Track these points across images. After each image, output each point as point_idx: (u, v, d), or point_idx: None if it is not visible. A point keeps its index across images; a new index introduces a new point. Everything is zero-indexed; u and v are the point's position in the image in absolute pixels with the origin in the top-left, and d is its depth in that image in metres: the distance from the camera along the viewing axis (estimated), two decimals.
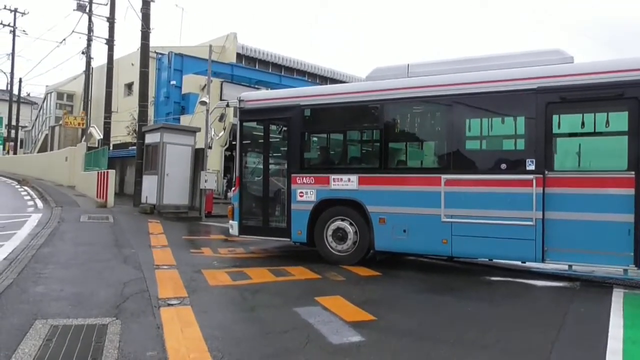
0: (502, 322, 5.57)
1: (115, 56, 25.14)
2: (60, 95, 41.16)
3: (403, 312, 5.90)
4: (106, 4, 24.12)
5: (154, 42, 19.16)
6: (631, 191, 6.58)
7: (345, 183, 8.45)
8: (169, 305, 5.64)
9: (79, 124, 30.58)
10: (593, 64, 7.20)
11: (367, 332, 4.95)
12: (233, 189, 9.74)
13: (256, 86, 23.54)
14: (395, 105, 8.34)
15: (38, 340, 4.38)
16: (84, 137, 27.89)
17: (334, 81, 36.97)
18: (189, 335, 4.66)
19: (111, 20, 23.50)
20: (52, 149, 35.08)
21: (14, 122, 43.99)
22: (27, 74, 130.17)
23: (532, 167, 7.16)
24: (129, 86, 31.01)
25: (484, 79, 7.64)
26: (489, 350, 4.59)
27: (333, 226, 8.60)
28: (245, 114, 9.56)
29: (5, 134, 46.02)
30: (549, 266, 8.11)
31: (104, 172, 18.24)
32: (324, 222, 8.65)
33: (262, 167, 9.40)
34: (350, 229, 8.47)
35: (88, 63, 27.91)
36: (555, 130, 7.24)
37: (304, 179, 8.75)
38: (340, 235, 8.54)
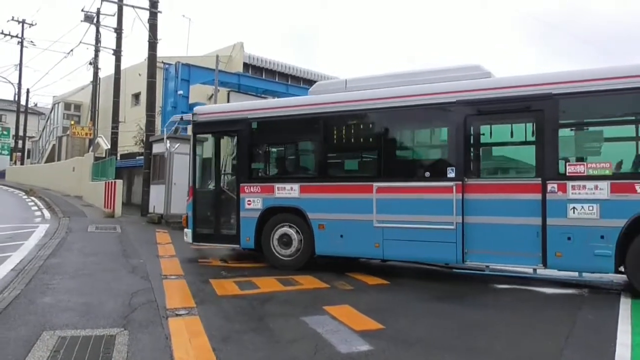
0: (510, 330, 5.53)
1: (123, 66, 25.31)
2: (67, 106, 41.46)
3: (411, 321, 5.86)
4: (113, 15, 24.28)
5: (161, 52, 19.27)
6: (539, 196, 7.06)
7: (288, 192, 8.86)
8: (177, 315, 5.63)
9: (86, 134, 30.77)
10: (506, 79, 7.74)
11: (375, 341, 4.92)
12: (187, 198, 10.03)
13: (263, 95, 23.57)
14: (331, 118, 8.74)
15: (46, 352, 4.38)
16: (91, 147, 28.04)
17: None
18: (197, 346, 4.65)
19: (118, 31, 23.68)
20: (59, 159, 35.28)
21: (21, 133, 44.31)
22: (34, 84, 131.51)
23: (452, 175, 7.62)
24: (136, 96, 31.18)
25: (410, 93, 8.11)
26: (498, 358, 4.56)
27: (279, 232, 8.95)
28: (199, 127, 9.95)
29: (13, 145, 46.36)
30: (558, 273, 8.10)
31: (111, 182, 18.32)
32: (270, 229, 9.01)
33: (214, 177, 9.93)
34: (294, 235, 8.82)
35: (95, 73, 28.13)
36: (473, 140, 7.81)
37: (252, 188, 9.16)
38: (286, 241, 8.89)
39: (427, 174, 7.91)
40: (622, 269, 6.93)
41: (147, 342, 4.75)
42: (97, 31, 26.89)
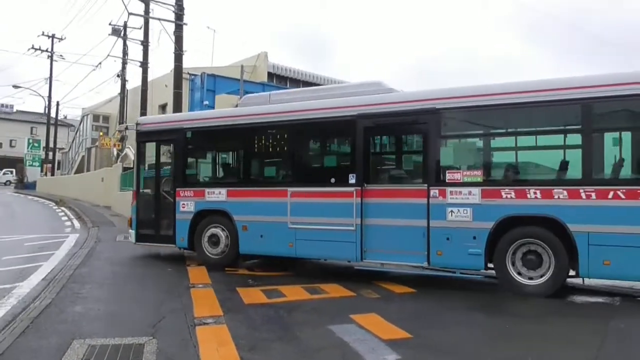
0: (541, 339, 5.39)
1: (149, 78, 25.69)
2: (96, 117, 42.25)
3: (440, 330, 5.77)
4: (140, 28, 24.72)
5: (187, 63, 19.53)
6: (424, 201, 7.70)
7: (217, 196, 9.56)
8: (204, 324, 5.64)
9: (114, 145, 31.33)
10: (400, 94, 8.43)
11: (403, 350, 4.85)
12: (132, 201, 10.79)
13: None
14: (252, 129, 9.48)
15: None
16: (119, 158, 28.51)
17: None
18: (225, 355, 4.65)
19: (145, 43, 24.05)
20: (88, 170, 35.94)
21: (51, 144, 45.33)
22: (64, 97, 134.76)
23: (353, 181, 8.25)
24: (163, 107, 31.62)
25: (318, 107, 8.86)
26: None
27: (209, 233, 9.64)
28: (142, 135, 10.79)
29: (43, 156, 47.43)
30: (589, 281, 7.94)
31: None
32: (201, 230, 9.70)
33: (155, 182, 10.58)
34: (222, 235, 9.51)
35: (123, 85, 28.65)
36: (371, 149, 8.53)
37: (186, 192, 9.86)
38: (215, 241, 9.59)
39: (333, 180, 8.52)
40: (491, 265, 7.54)
41: (175, 350, 4.77)
42: (125, 44, 27.43)
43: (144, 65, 24.59)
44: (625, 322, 6.00)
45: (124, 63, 27.95)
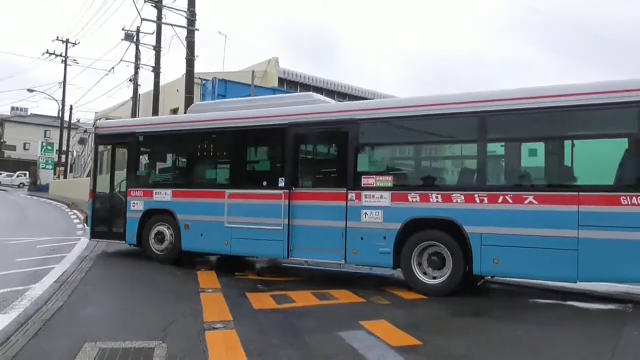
0: (552, 347, 5.36)
1: (161, 83, 25.87)
2: None
3: (450, 337, 5.75)
4: (152, 34, 24.90)
5: (198, 68, 19.69)
6: (343, 203, 8.27)
7: (163, 196, 10.21)
8: (214, 329, 5.66)
9: None
10: (327, 105, 9.27)
11: (413, 357, 4.85)
12: (89, 199, 11.57)
13: None
14: (194, 134, 10.27)
15: None
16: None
17: None
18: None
19: (157, 48, 24.26)
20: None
21: (64, 147, 45.73)
22: (77, 101, 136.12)
23: (282, 184, 8.86)
24: (175, 111, 31.70)
25: (254, 115, 9.52)
26: None
27: (155, 230, 10.27)
28: (99, 138, 11.67)
29: (56, 159, 47.87)
30: (600, 288, 7.91)
31: None
32: (149, 228, 10.32)
33: (110, 182, 11.23)
34: (167, 233, 10.13)
35: (135, 90, 28.92)
36: (299, 155, 9.16)
37: (136, 192, 10.52)
38: (160, 238, 10.22)
39: (265, 183, 9.19)
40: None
41: (185, 355, 4.78)
42: (137, 49, 27.75)
43: (156, 70, 24.80)
44: (639, 329, 5.95)
45: (137, 68, 28.24)
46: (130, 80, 29.24)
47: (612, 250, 6.61)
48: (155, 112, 25.02)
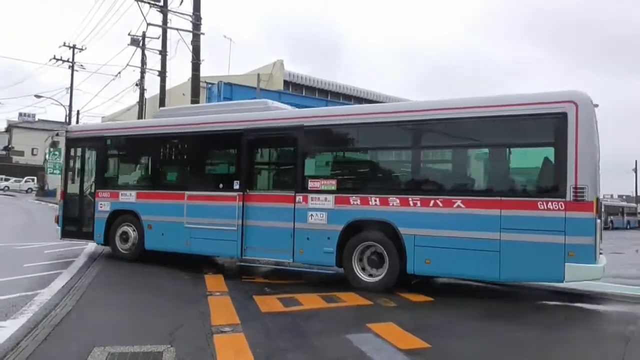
0: (561, 349, 5.36)
1: (167, 87, 25.98)
2: None
3: (458, 339, 5.73)
4: (158, 38, 25.02)
5: (204, 72, 19.76)
6: (292, 205, 8.77)
7: (128, 197, 10.75)
8: (222, 332, 5.67)
9: None
10: (278, 113, 9.65)
11: None
12: (59, 199, 12.09)
13: None
14: (157, 139, 10.76)
15: None
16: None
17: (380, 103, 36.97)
18: None
19: (163, 53, 24.35)
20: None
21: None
22: (84, 106, 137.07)
23: (237, 187, 9.37)
24: None
25: (213, 120, 10.05)
26: None
27: (120, 230, 10.81)
28: (70, 141, 12.09)
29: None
30: (609, 290, 7.87)
31: None
32: (115, 227, 10.85)
33: (79, 183, 11.79)
34: (131, 233, 10.68)
35: (141, 94, 29.04)
36: (253, 160, 9.66)
37: (104, 193, 11.09)
38: (125, 237, 10.77)
39: (221, 185, 9.65)
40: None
41: (193, 359, 4.80)
42: (143, 54, 27.90)
43: (162, 74, 24.90)
44: None
45: (143, 72, 28.37)
46: (137, 84, 29.38)
47: (531, 252, 7.01)
48: None
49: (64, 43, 38.94)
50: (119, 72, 49.91)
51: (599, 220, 6.93)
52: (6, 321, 5.82)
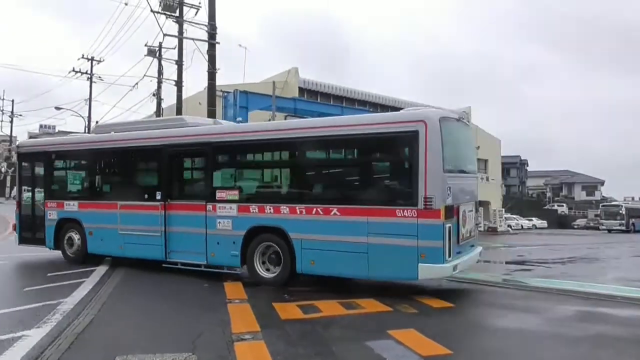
0: (579, 352, 5.25)
1: (184, 96, 26.14)
2: None
3: (479, 345, 5.68)
4: (174, 48, 25.26)
5: (220, 81, 19.89)
6: (204, 213, 9.67)
7: (72, 207, 11.77)
8: (242, 340, 5.69)
9: None
10: (195, 129, 10.37)
11: None
12: (16, 210, 13.00)
13: None
14: (95, 153, 11.76)
15: None
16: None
17: (394, 109, 36.91)
18: None
19: (179, 63, 24.56)
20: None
21: None
22: (102, 117, 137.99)
23: (159, 197, 10.29)
24: None
25: (139, 137, 11.04)
26: None
27: (67, 236, 11.81)
28: (21, 156, 13.22)
29: None
30: (631, 294, 7.74)
31: None
32: (63, 234, 11.89)
33: (32, 194, 12.77)
34: (75, 238, 11.69)
35: (159, 104, 29.31)
36: (173, 172, 10.60)
37: (52, 203, 12.09)
38: (70, 243, 11.77)
39: (146, 196, 10.57)
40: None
41: None
42: (160, 64, 28.16)
43: (179, 84, 25.08)
44: None
45: (160, 82, 28.64)
46: (154, 94, 29.66)
47: (392, 253, 7.87)
48: None
49: (83, 55, 39.46)
50: (137, 83, 50.51)
51: (449, 225, 7.70)
52: (31, 330, 5.92)
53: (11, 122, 59.38)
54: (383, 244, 7.95)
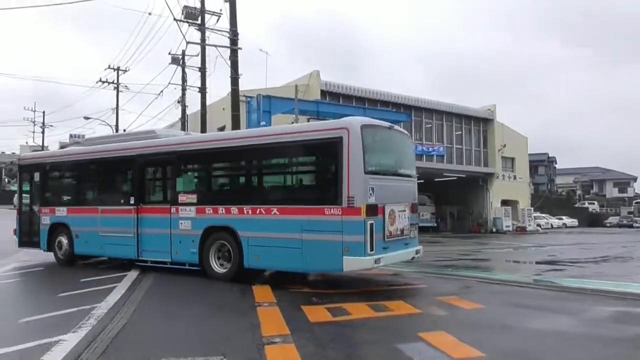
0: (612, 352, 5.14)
1: (208, 102, 26.40)
2: None
3: (512, 347, 5.60)
4: (197, 55, 25.55)
5: (242, 86, 20.00)
6: (169, 215, 10.78)
7: (61, 212, 13.12)
8: (272, 343, 5.71)
9: None
10: (163, 140, 11.56)
11: None
12: (16, 216, 14.41)
13: None
14: (79, 164, 13.13)
15: None
16: None
17: (418, 109, 36.68)
18: None
19: (202, 70, 24.82)
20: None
21: None
22: (129, 125, 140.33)
23: (133, 202, 11.52)
24: (222, 129, 32.45)
25: (114, 148, 12.38)
26: None
27: (58, 240, 13.09)
28: (22, 168, 14.93)
29: None
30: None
31: None
32: (55, 237, 13.16)
33: (30, 202, 14.23)
34: (64, 241, 12.96)
35: (183, 111, 29.68)
36: (144, 179, 11.85)
37: (46, 210, 13.52)
38: (60, 245, 13.05)
39: (122, 201, 11.80)
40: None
41: None
42: (183, 71, 28.51)
43: (202, 90, 25.34)
44: None
45: (184, 89, 29.01)
46: (178, 102, 30.05)
47: (321, 248, 8.60)
48: (203, 131, 25.55)
49: (109, 66, 40.18)
50: (161, 91, 51.42)
51: (371, 222, 8.30)
52: (67, 334, 6.04)
53: (42, 132, 60.67)
54: (314, 240, 8.69)
